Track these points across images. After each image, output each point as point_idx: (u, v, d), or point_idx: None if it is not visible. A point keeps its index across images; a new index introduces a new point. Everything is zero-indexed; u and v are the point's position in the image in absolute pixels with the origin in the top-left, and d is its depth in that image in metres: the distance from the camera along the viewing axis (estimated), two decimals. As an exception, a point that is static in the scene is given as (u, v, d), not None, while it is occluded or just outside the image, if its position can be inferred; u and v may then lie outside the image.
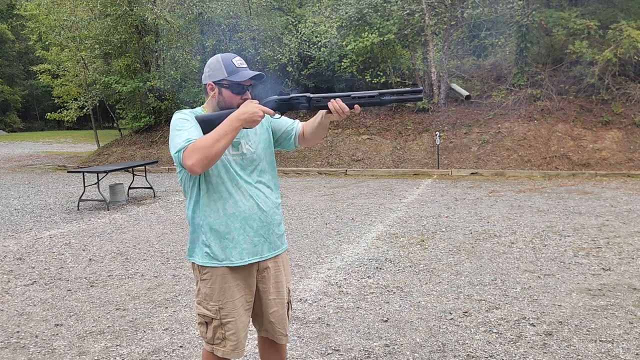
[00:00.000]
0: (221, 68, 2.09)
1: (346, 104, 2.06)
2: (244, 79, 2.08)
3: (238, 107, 2.06)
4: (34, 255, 5.52)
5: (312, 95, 2.11)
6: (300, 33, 14.07)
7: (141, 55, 15.91)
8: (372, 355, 3.07)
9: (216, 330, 2.14)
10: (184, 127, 2.01)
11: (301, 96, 2.12)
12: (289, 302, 2.31)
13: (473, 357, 3.02)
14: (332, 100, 2.07)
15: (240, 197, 2.10)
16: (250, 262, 2.14)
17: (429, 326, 3.45)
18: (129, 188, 9.57)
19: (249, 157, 2.14)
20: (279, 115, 2.17)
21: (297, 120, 2.33)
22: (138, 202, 8.87)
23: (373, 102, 2.08)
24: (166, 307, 3.92)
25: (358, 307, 3.81)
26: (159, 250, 5.60)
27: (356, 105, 2.07)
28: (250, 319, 2.26)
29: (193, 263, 2.19)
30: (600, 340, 3.18)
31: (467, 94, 2.36)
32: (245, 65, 2.13)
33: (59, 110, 17.41)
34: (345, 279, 4.47)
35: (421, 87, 2.12)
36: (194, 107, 2.24)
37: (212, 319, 2.13)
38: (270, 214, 2.18)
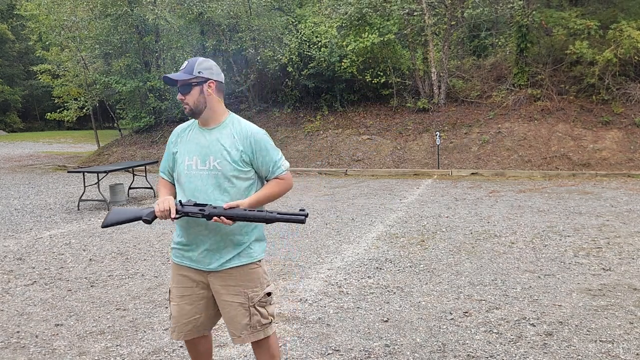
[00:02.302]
0: None
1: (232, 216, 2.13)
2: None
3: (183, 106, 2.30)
4: (34, 255, 5.52)
5: (207, 212, 2.12)
6: (301, 33, 14.06)
7: (141, 56, 15.91)
8: (372, 355, 3.07)
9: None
10: (166, 150, 2.40)
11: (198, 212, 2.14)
12: (254, 307, 2.27)
13: (473, 357, 3.02)
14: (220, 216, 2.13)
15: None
16: (196, 268, 2.28)
17: (429, 326, 3.45)
18: (129, 188, 9.58)
19: (214, 173, 2.21)
20: (178, 216, 2.16)
21: (279, 173, 2.29)
22: (138, 202, 8.87)
23: (258, 219, 2.17)
24: (166, 307, 3.91)
25: (358, 307, 3.81)
26: (159, 250, 5.60)
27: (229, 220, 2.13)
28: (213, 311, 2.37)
29: None
30: (600, 341, 3.18)
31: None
32: (182, 68, 2.25)
33: (59, 111, 17.41)
34: (345, 279, 4.47)
35: (307, 212, 2.20)
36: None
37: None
38: (228, 229, 2.21)
